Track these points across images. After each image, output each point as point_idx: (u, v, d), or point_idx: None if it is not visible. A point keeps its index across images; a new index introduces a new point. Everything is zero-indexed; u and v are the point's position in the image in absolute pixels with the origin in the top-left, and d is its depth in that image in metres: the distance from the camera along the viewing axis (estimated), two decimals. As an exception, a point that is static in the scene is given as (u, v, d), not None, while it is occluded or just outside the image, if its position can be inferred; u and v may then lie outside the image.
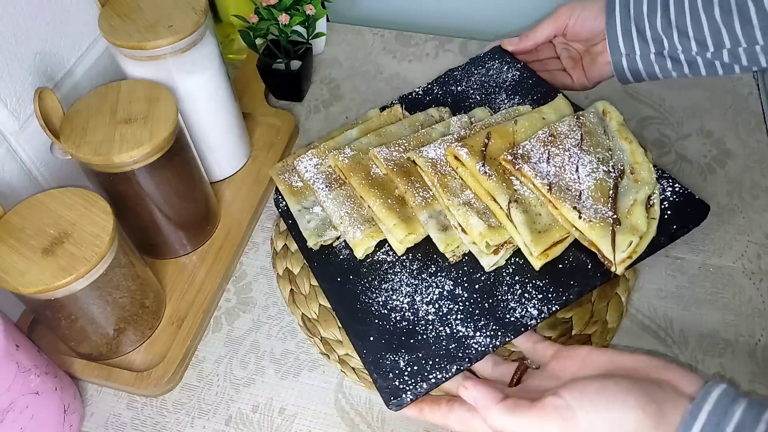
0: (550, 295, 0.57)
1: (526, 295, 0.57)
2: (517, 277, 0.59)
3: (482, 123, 0.66)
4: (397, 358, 0.55)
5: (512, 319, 0.56)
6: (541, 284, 0.57)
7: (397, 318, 0.58)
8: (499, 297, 0.58)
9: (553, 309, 0.56)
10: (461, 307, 0.58)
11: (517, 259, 0.60)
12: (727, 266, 0.69)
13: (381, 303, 0.59)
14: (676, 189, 0.61)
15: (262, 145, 0.81)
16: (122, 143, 0.56)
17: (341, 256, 0.64)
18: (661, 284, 0.67)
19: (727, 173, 0.77)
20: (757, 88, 0.86)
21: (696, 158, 0.79)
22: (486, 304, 0.57)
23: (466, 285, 0.59)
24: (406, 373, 0.54)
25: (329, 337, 0.65)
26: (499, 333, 0.55)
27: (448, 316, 0.57)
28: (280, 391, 0.62)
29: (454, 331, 0.56)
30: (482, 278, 0.59)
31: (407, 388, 0.53)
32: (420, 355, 0.55)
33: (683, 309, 0.66)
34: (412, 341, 0.56)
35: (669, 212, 0.60)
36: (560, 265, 0.58)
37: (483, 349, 0.55)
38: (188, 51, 0.63)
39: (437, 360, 0.54)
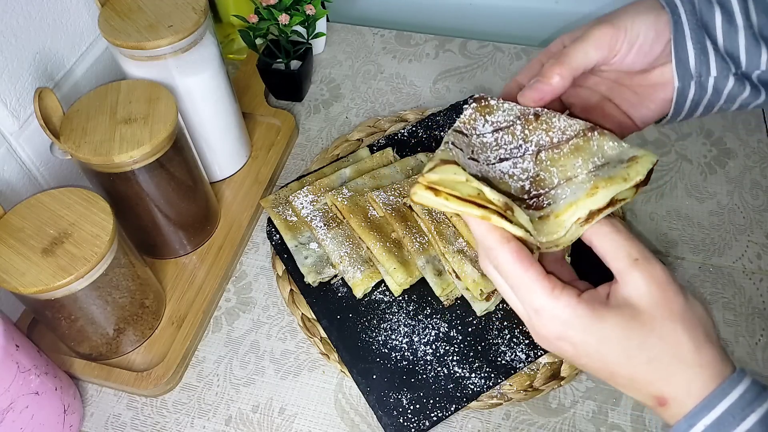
0: None
1: (514, 339, 0.62)
2: (505, 322, 0.63)
3: None
4: (399, 397, 0.59)
5: (503, 362, 0.61)
6: (527, 329, 0.61)
7: (398, 357, 0.61)
8: (491, 340, 0.62)
9: (539, 353, 0.61)
10: (456, 349, 0.62)
11: (504, 305, 0.64)
12: (727, 266, 0.69)
13: (381, 342, 0.62)
14: None
15: (262, 145, 0.81)
16: (122, 143, 0.56)
17: (339, 294, 0.66)
18: (661, 284, 0.67)
19: (727, 173, 0.77)
20: (757, 88, 0.86)
21: (696, 158, 0.79)
22: (479, 347, 0.62)
23: (459, 328, 0.63)
24: (409, 411, 0.58)
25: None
26: (492, 375, 0.60)
27: (445, 357, 0.61)
28: (280, 391, 0.62)
29: (452, 371, 0.60)
30: (474, 322, 0.63)
31: (411, 426, 0.57)
32: (421, 394, 0.59)
33: (683, 309, 0.66)
34: (413, 380, 0.60)
35: None
36: None
37: (478, 390, 0.59)
38: (188, 51, 0.63)
39: (437, 399, 0.59)
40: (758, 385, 0.35)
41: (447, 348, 0.62)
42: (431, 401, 0.59)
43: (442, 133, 0.79)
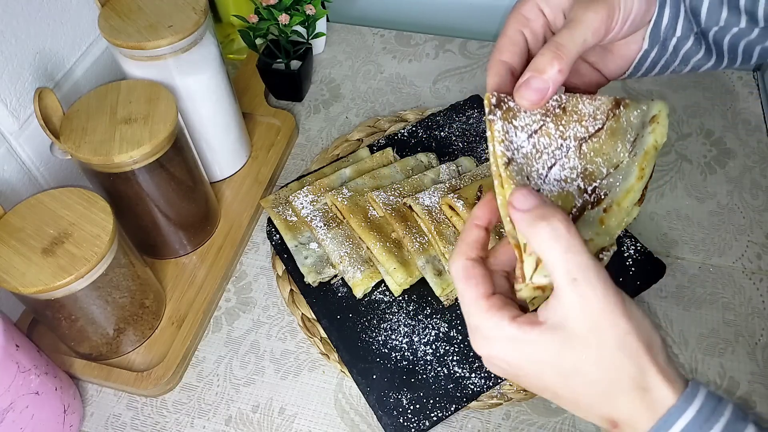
0: None
1: None
2: None
3: (470, 174, 0.70)
4: (399, 397, 0.59)
5: None
6: None
7: (398, 357, 0.61)
8: None
9: None
10: (456, 349, 0.62)
11: None
12: (727, 266, 0.69)
13: (381, 342, 0.62)
14: (638, 248, 0.67)
15: (262, 145, 0.81)
16: (122, 143, 0.56)
17: (339, 294, 0.66)
18: (661, 284, 0.67)
19: (727, 173, 0.77)
20: (757, 88, 0.86)
21: (696, 158, 0.79)
22: None
23: (459, 328, 0.63)
24: (409, 411, 0.58)
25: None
26: (492, 375, 0.59)
27: (445, 357, 0.61)
28: (280, 391, 0.62)
29: (452, 371, 0.60)
30: None
31: (411, 426, 0.57)
32: (421, 394, 0.59)
33: (683, 309, 0.66)
34: (413, 380, 0.60)
35: (633, 269, 0.66)
36: None
37: (478, 390, 0.59)
38: (188, 51, 0.63)
39: (437, 399, 0.59)
40: (713, 399, 0.33)
41: (447, 348, 0.62)
42: (431, 401, 0.59)
43: (442, 133, 0.79)
